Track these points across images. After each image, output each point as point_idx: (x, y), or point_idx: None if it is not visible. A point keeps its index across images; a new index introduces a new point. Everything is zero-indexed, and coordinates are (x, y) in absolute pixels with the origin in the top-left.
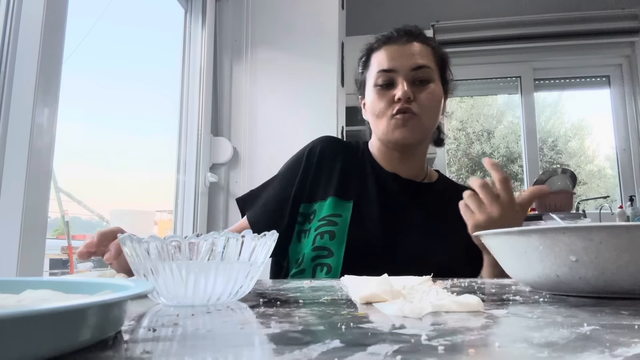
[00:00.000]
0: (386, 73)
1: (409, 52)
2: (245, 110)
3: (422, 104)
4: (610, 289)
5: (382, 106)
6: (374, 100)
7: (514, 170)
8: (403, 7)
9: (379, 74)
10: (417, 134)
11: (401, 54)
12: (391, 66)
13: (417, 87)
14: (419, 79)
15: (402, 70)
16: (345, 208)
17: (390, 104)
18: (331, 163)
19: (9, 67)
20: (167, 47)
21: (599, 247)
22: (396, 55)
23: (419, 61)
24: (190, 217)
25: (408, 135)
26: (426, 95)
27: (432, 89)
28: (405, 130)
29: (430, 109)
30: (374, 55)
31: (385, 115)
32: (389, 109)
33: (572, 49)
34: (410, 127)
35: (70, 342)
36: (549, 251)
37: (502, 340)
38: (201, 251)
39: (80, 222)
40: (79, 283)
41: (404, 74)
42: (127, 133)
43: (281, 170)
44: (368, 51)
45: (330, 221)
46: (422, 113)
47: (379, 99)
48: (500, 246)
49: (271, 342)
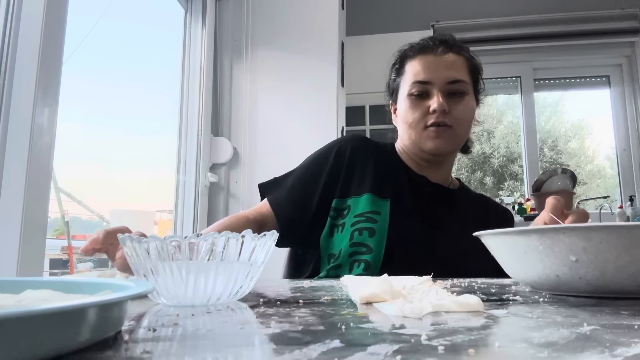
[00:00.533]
0: (422, 84)
1: (445, 64)
2: (245, 110)
3: (457, 117)
4: (610, 289)
5: (417, 116)
6: (407, 110)
7: (514, 170)
8: (403, 7)
9: (414, 85)
10: (450, 145)
11: (437, 65)
12: (427, 78)
13: (451, 99)
14: (453, 91)
15: (437, 83)
16: (383, 206)
17: (425, 114)
18: (365, 161)
19: (9, 67)
20: (167, 47)
21: (598, 247)
22: (432, 67)
23: (454, 75)
24: (190, 217)
25: (441, 146)
26: (461, 108)
27: (466, 101)
28: (439, 142)
29: (464, 122)
30: (408, 63)
31: (419, 125)
32: (423, 120)
33: (572, 49)
34: (444, 139)
35: (70, 342)
36: (549, 251)
37: (502, 340)
38: (201, 251)
39: (80, 222)
40: (79, 283)
41: (439, 86)
42: (127, 133)
43: (304, 163)
44: (402, 58)
45: (370, 218)
46: (456, 125)
47: (413, 108)
48: (500, 246)
49: (271, 342)
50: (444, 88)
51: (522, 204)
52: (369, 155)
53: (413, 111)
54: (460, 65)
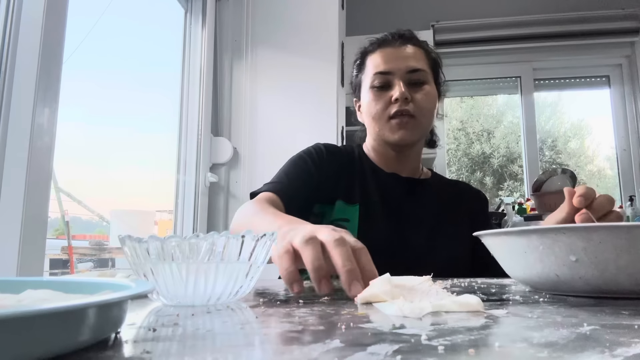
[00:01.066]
0: (382, 75)
1: (404, 54)
2: (245, 110)
3: (419, 105)
4: (610, 288)
5: (379, 107)
6: (370, 102)
7: (514, 170)
8: (403, 7)
9: (375, 76)
10: (415, 134)
11: (397, 56)
12: (387, 68)
13: (412, 88)
14: (414, 81)
15: (398, 72)
16: (352, 212)
17: (388, 105)
18: (332, 167)
19: (9, 67)
20: (167, 47)
21: (598, 247)
22: (392, 58)
23: (414, 64)
24: (190, 217)
25: (406, 137)
26: (422, 96)
27: (427, 90)
28: (403, 133)
29: (426, 110)
30: (369, 58)
31: (383, 116)
32: (386, 111)
33: (572, 49)
34: (408, 129)
35: (70, 342)
36: (549, 251)
37: (502, 340)
38: (201, 251)
39: (80, 222)
40: (79, 283)
41: (400, 75)
42: (127, 133)
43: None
44: (363, 54)
45: (339, 225)
46: (419, 114)
47: (376, 100)
48: (500, 246)
49: (271, 342)
50: (405, 77)
51: (522, 204)
52: (336, 161)
53: (376, 103)
54: (419, 56)
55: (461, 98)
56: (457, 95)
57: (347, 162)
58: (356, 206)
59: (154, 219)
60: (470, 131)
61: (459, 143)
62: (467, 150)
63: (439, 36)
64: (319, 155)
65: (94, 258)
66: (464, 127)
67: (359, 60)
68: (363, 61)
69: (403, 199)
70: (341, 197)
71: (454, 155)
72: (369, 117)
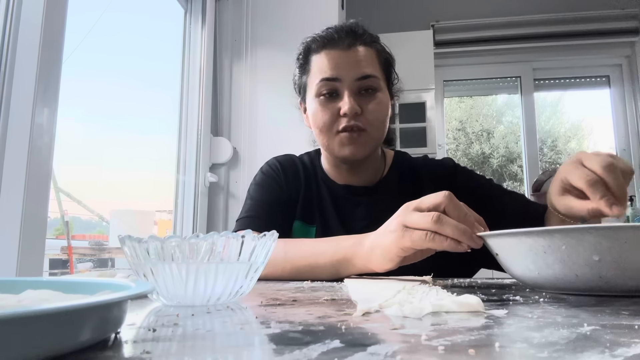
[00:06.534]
0: (329, 82)
1: (353, 59)
2: (245, 110)
3: (370, 117)
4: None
5: (327, 120)
6: (317, 112)
7: (514, 170)
8: (403, 7)
9: (322, 83)
10: (366, 149)
11: (345, 61)
12: (334, 75)
13: (363, 97)
14: (365, 88)
15: (346, 80)
16: (310, 233)
17: (336, 117)
18: (292, 186)
19: (9, 67)
20: (167, 47)
21: (623, 246)
22: (339, 63)
23: (364, 70)
24: (190, 217)
25: (357, 152)
26: (374, 107)
27: (379, 99)
28: (353, 148)
29: (378, 121)
30: (313, 58)
31: (331, 130)
32: (335, 124)
33: (572, 49)
34: (359, 144)
35: (70, 342)
36: (573, 251)
37: (502, 340)
38: (201, 251)
39: (80, 222)
40: (79, 283)
41: (348, 83)
42: (127, 133)
43: (251, 192)
44: (306, 52)
45: None
46: (370, 128)
47: (323, 111)
48: (501, 246)
49: (271, 342)
50: (354, 85)
51: None
52: (293, 179)
53: (323, 114)
54: (370, 58)
55: (461, 98)
56: (457, 95)
57: (304, 178)
58: (314, 227)
59: (153, 219)
60: (469, 131)
61: (458, 143)
62: (466, 150)
63: (439, 36)
64: (277, 174)
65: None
66: (463, 127)
67: (301, 58)
68: (307, 60)
69: (358, 212)
70: (299, 217)
71: (453, 155)
72: (316, 128)
